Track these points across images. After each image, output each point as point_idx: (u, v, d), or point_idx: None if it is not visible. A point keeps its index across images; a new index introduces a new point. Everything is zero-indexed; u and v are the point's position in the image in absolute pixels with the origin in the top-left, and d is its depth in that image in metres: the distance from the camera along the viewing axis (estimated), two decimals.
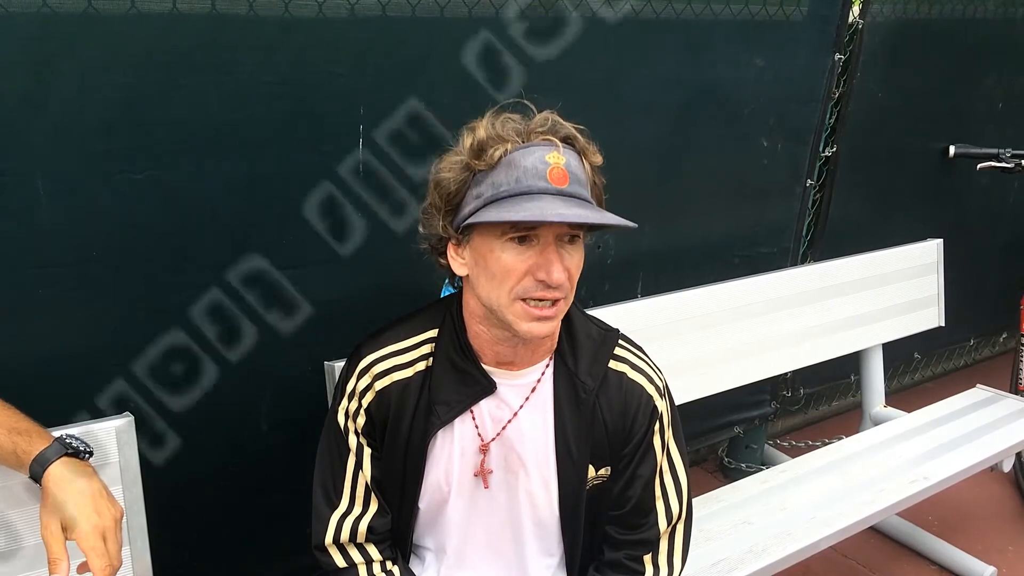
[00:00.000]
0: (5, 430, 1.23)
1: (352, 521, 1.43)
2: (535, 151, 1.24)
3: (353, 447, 1.43)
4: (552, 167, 1.23)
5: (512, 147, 1.25)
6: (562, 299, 1.28)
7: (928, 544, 2.78)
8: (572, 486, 1.42)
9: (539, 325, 1.27)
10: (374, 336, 1.44)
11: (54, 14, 1.43)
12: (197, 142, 1.62)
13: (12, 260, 1.51)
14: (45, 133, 1.48)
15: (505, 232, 1.24)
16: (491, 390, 1.39)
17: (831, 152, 2.85)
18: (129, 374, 1.67)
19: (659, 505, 1.47)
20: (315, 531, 1.45)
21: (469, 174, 1.28)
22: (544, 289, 1.25)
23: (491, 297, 1.28)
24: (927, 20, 2.91)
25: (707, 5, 2.26)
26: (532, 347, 1.37)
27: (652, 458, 1.45)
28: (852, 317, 2.64)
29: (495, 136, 1.26)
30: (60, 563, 1.14)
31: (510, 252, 1.25)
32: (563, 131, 1.28)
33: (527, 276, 1.25)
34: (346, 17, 1.71)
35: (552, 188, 1.23)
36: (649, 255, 2.42)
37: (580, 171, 1.27)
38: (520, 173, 1.23)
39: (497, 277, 1.26)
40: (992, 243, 3.64)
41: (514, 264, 1.25)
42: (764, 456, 3.13)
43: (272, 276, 1.78)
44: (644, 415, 1.42)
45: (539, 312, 1.26)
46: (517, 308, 1.26)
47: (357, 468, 1.43)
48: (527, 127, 1.28)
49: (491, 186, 1.25)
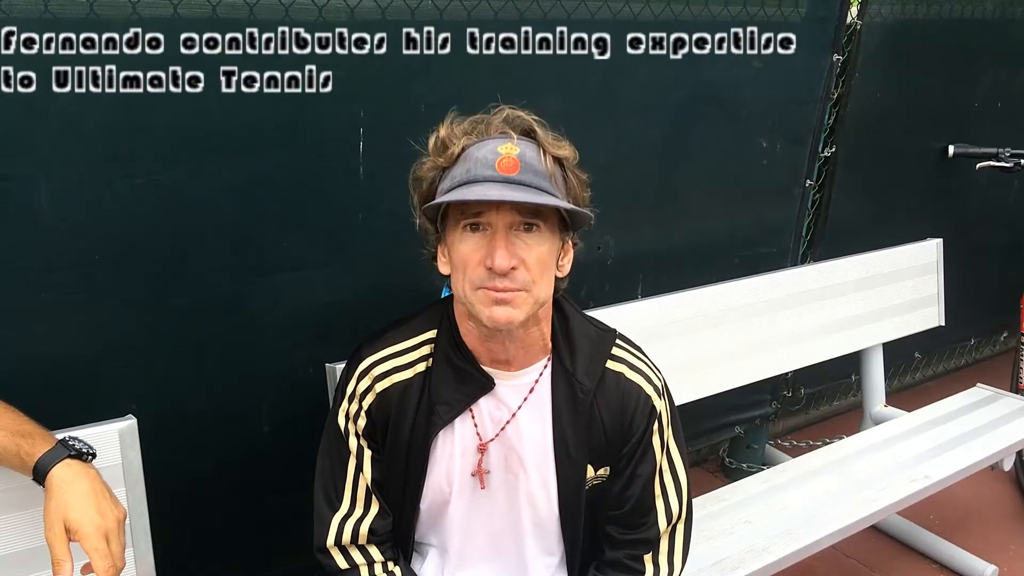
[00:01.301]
0: (8, 432, 1.24)
1: (353, 523, 1.43)
2: (489, 144, 1.28)
3: (353, 449, 1.43)
4: (502, 156, 1.25)
5: (468, 142, 1.29)
6: (520, 290, 1.27)
7: (929, 543, 2.78)
8: (571, 486, 1.42)
9: (499, 309, 1.26)
10: (374, 338, 1.45)
11: (55, 19, 1.44)
12: (198, 145, 1.63)
13: (15, 263, 1.51)
14: (47, 137, 1.48)
15: (459, 223, 1.28)
16: (490, 387, 1.39)
17: (830, 152, 2.85)
18: (132, 376, 1.68)
19: (659, 504, 1.47)
20: (317, 533, 1.45)
21: (438, 172, 1.32)
22: (494, 278, 1.25)
23: (458, 290, 1.31)
24: (925, 20, 2.92)
25: (705, 6, 2.26)
26: (524, 346, 1.38)
27: (651, 458, 1.45)
28: (852, 317, 2.64)
29: (455, 133, 1.31)
30: (64, 564, 1.14)
31: (467, 242, 1.28)
32: (522, 124, 1.30)
33: (480, 265, 1.26)
34: (346, 20, 1.71)
35: (498, 176, 1.24)
36: (649, 256, 2.42)
37: (536, 162, 1.27)
38: (471, 164, 1.27)
39: (459, 268, 1.29)
40: (992, 242, 3.64)
41: (469, 253, 1.27)
42: (765, 456, 3.13)
43: (273, 278, 1.78)
44: (642, 415, 1.43)
45: (496, 295, 1.26)
46: (479, 295, 1.28)
47: (358, 470, 1.44)
48: (486, 122, 1.31)
49: (449, 180, 1.29)
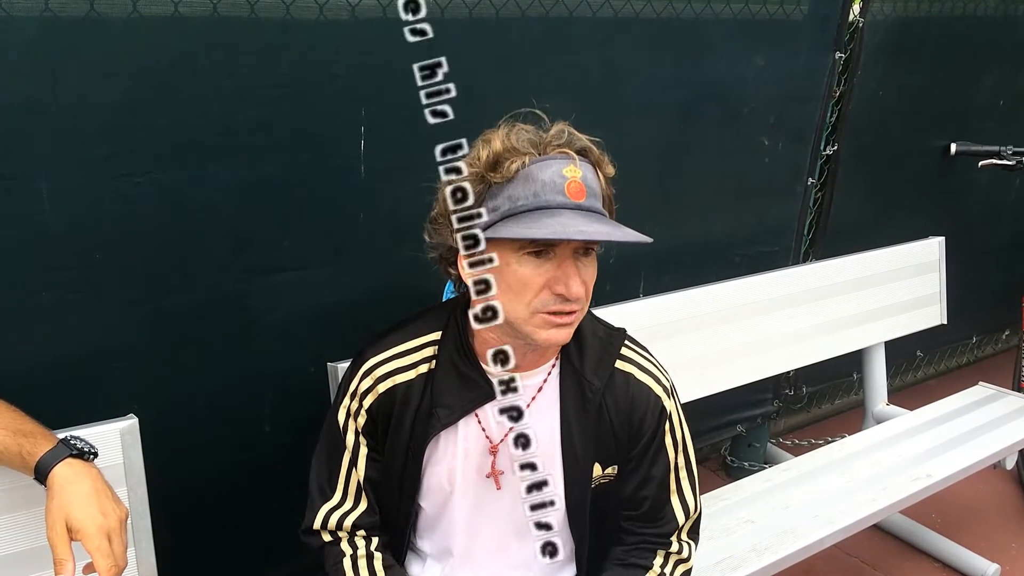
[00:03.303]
0: (10, 432, 1.24)
1: (340, 514, 1.46)
2: (552, 164, 1.24)
3: (350, 445, 1.44)
4: (570, 181, 1.23)
5: (529, 160, 1.24)
6: (579, 310, 1.29)
7: (931, 542, 2.78)
8: (578, 485, 1.43)
9: (558, 332, 1.28)
10: (378, 339, 1.45)
11: (56, 18, 1.44)
12: (199, 145, 1.63)
13: (16, 263, 1.51)
14: (48, 137, 1.48)
15: (523, 246, 1.24)
16: (492, 396, 1.39)
17: (832, 151, 2.85)
18: (133, 376, 1.68)
19: (674, 500, 1.49)
20: (306, 517, 1.48)
21: (484, 186, 1.27)
22: (562, 302, 1.25)
23: (508, 310, 1.28)
24: (927, 18, 2.91)
25: (707, 4, 2.26)
26: (539, 352, 1.38)
27: (664, 458, 1.46)
28: (854, 315, 2.64)
29: (511, 148, 1.25)
30: (66, 564, 1.14)
31: (528, 266, 1.25)
32: (578, 143, 1.28)
33: (544, 289, 1.25)
34: (347, 19, 1.71)
35: (570, 203, 1.23)
36: (651, 255, 2.42)
37: (595, 184, 1.28)
38: (538, 187, 1.23)
39: (514, 290, 1.26)
40: (994, 240, 3.64)
41: (532, 278, 1.25)
42: (767, 455, 3.13)
43: (274, 278, 1.78)
44: (653, 416, 1.43)
45: (558, 320, 1.27)
46: (536, 319, 1.27)
47: (351, 465, 1.45)
48: (542, 139, 1.27)
49: (508, 199, 1.24)
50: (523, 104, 1.34)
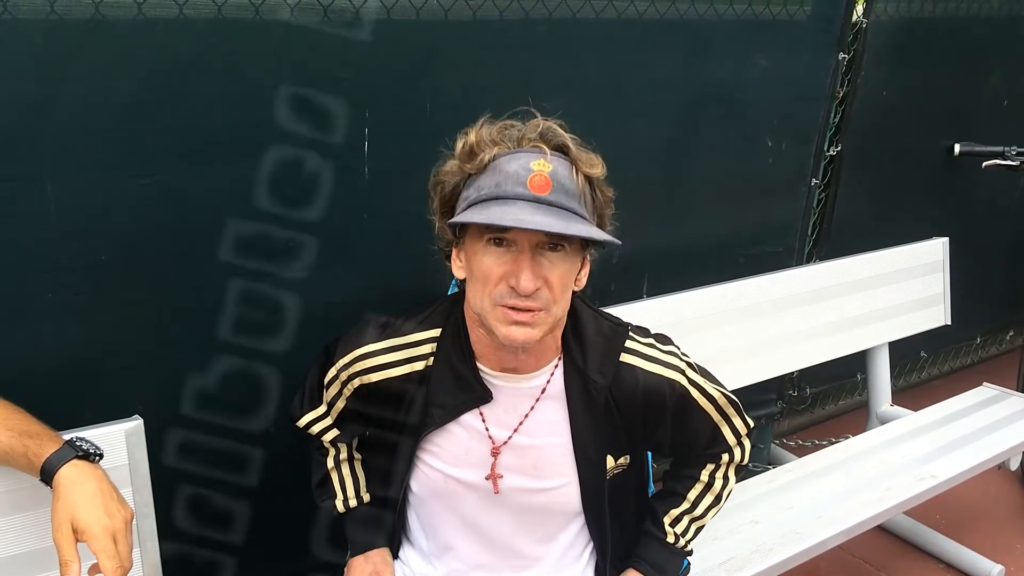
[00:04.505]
0: (16, 433, 1.24)
1: (324, 425, 1.53)
2: (521, 157, 1.25)
3: (325, 401, 1.51)
4: (534, 174, 1.22)
5: (500, 152, 1.26)
6: (541, 310, 1.25)
7: (935, 543, 2.77)
8: (593, 481, 1.43)
9: (517, 330, 1.25)
10: (379, 327, 1.45)
11: (61, 20, 1.44)
12: (204, 146, 1.63)
13: (22, 264, 1.52)
14: (54, 138, 1.49)
15: (483, 235, 1.25)
16: (487, 399, 1.39)
17: (836, 151, 2.85)
18: (138, 377, 1.68)
19: (725, 430, 1.53)
20: (294, 406, 1.57)
21: (462, 177, 1.29)
22: (516, 297, 1.24)
23: (475, 300, 1.29)
24: (931, 18, 2.91)
25: (711, 5, 2.26)
26: (535, 353, 1.37)
27: (700, 413, 1.48)
28: (858, 316, 2.64)
29: (485, 140, 1.27)
30: (71, 565, 1.15)
31: (490, 256, 1.25)
32: (556, 140, 1.27)
33: (502, 281, 1.25)
34: (351, 22, 1.71)
35: (528, 194, 1.22)
36: (654, 255, 2.42)
37: (568, 181, 1.25)
38: (501, 178, 1.24)
39: (479, 280, 1.27)
40: (997, 241, 3.63)
41: (491, 267, 1.25)
42: (771, 455, 3.13)
43: (279, 278, 1.79)
44: (672, 398, 1.44)
45: (516, 316, 1.25)
46: (498, 312, 1.26)
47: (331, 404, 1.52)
48: (521, 133, 1.28)
49: (476, 189, 1.26)
50: (528, 105, 1.34)
